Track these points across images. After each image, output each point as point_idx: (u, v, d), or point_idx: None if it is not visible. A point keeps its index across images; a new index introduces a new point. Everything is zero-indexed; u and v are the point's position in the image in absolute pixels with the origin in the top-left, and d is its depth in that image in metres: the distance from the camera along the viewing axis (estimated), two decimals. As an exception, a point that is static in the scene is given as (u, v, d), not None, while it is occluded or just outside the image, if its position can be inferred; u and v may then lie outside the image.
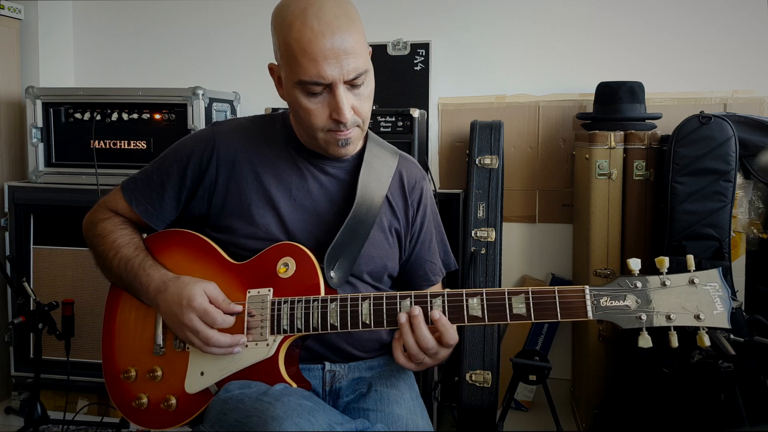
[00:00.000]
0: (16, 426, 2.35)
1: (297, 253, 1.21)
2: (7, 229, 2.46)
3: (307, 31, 1.09)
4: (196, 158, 1.27)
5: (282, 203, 1.25)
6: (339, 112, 1.14)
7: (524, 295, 1.09)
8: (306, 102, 1.15)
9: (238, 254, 1.26)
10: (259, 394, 1.10)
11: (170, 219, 1.33)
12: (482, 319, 1.10)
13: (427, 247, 1.40)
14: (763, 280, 2.14)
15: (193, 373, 1.21)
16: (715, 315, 1.02)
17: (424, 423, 1.21)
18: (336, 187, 1.29)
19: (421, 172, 1.42)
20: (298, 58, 1.11)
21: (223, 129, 1.31)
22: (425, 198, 1.39)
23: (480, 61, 2.68)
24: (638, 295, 1.04)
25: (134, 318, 1.30)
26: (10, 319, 2.27)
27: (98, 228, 1.32)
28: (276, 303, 1.19)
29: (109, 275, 1.32)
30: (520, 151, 2.66)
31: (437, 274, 1.43)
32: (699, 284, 1.03)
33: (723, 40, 2.49)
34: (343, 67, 1.11)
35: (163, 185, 1.29)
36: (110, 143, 2.42)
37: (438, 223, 1.45)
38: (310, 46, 1.09)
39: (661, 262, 1.04)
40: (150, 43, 2.94)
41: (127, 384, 1.27)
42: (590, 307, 1.06)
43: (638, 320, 1.04)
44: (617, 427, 2.07)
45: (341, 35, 1.10)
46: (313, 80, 1.12)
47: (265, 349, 1.17)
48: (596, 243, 2.25)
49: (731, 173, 2.01)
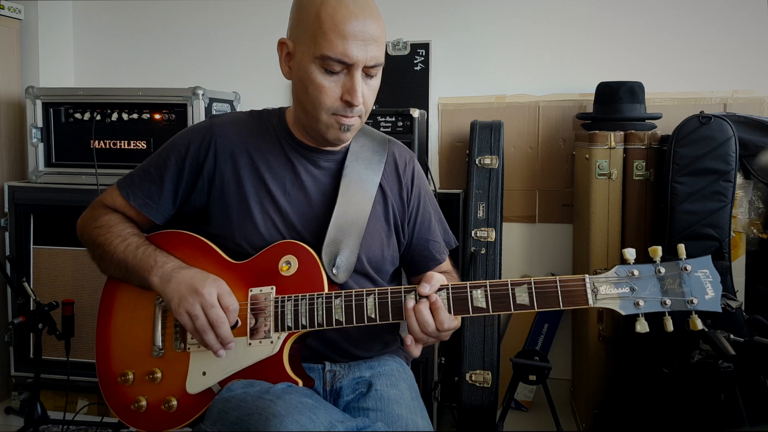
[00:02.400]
0: (16, 426, 2.35)
1: (299, 251, 1.21)
2: (7, 229, 2.46)
3: (342, 9, 1.14)
4: (194, 149, 1.28)
5: (279, 197, 1.26)
6: (353, 93, 1.16)
7: (527, 285, 1.12)
8: (321, 78, 1.17)
9: (237, 251, 1.25)
10: (261, 392, 1.10)
11: (170, 212, 1.31)
12: (486, 309, 1.13)
13: (427, 227, 1.40)
14: (763, 280, 2.14)
15: (194, 374, 1.21)
16: (707, 300, 1.07)
17: (424, 423, 1.21)
18: (328, 180, 1.30)
19: (409, 153, 1.42)
20: (327, 33, 1.13)
21: (221, 120, 1.31)
22: (418, 178, 1.39)
23: (480, 61, 2.68)
24: (635, 283, 1.09)
25: (130, 320, 1.28)
26: (10, 319, 2.27)
27: (101, 220, 1.31)
28: (279, 300, 1.19)
29: (109, 264, 1.28)
30: (520, 151, 2.66)
31: (442, 252, 1.43)
32: (691, 271, 1.08)
33: (723, 40, 2.49)
34: (368, 52, 1.15)
35: (161, 177, 1.29)
36: (110, 143, 2.42)
37: (434, 202, 1.45)
38: (343, 24, 1.13)
39: (655, 252, 1.10)
40: (150, 43, 2.94)
41: (125, 387, 1.25)
42: (590, 295, 1.10)
43: (636, 306, 1.08)
44: (617, 427, 2.07)
45: (372, 22, 1.16)
46: (338, 57, 1.14)
47: (270, 346, 1.17)
48: (596, 243, 2.25)
49: (731, 173, 2.01)
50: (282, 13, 1.16)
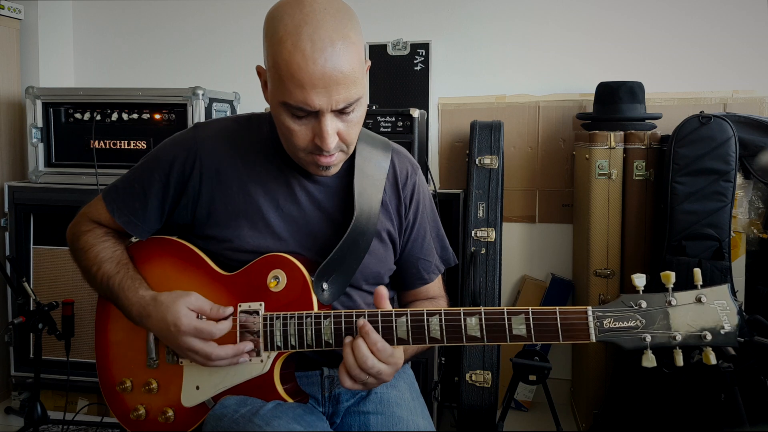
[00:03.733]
0: (16, 426, 2.35)
1: (287, 266, 1.15)
2: (7, 229, 2.46)
3: (297, 54, 1.00)
4: (179, 166, 1.20)
5: (270, 214, 1.19)
6: (322, 140, 1.06)
7: (524, 316, 1.03)
8: (289, 122, 1.08)
9: (226, 264, 1.21)
10: (252, 413, 1.08)
11: (155, 228, 1.27)
12: (481, 339, 1.05)
13: (419, 244, 1.32)
14: (763, 280, 2.14)
15: (188, 387, 1.19)
16: (722, 334, 0.98)
17: (425, 423, 1.20)
18: (325, 196, 1.22)
19: (412, 164, 1.33)
20: (284, 81, 1.03)
21: (206, 134, 1.23)
22: (418, 193, 1.31)
23: (480, 61, 2.68)
24: (643, 315, 1.00)
25: (125, 328, 1.25)
26: (10, 319, 2.27)
27: (80, 242, 1.28)
28: (268, 318, 1.14)
29: (95, 288, 1.28)
30: (520, 151, 2.66)
31: (432, 272, 1.35)
32: (706, 302, 0.99)
33: (723, 40, 2.49)
34: (332, 96, 1.03)
35: (145, 194, 1.23)
36: (110, 143, 2.42)
37: (434, 217, 1.37)
38: (299, 73, 1.01)
39: (668, 278, 1.00)
40: (150, 43, 2.94)
41: (124, 395, 1.24)
42: (593, 329, 1.01)
43: (642, 341, 1.00)
44: (617, 427, 2.07)
45: (334, 63, 1.01)
46: (299, 106, 1.04)
47: (260, 365, 1.14)
48: (596, 243, 2.25)
49: (731, 173, 2.01)
50: (282, 13, 1.14)
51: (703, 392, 1.70)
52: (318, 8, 1.03)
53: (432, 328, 1.07)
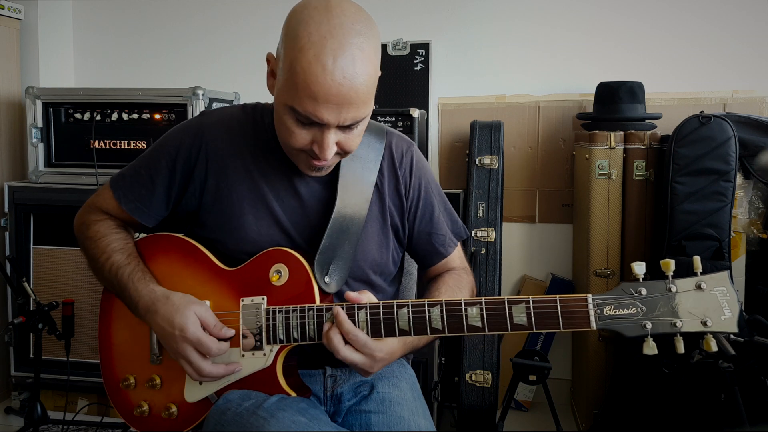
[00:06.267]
0: (16, 426, 2.35)
1: (289, 260, 1.16)
2: (7, 229, 2.46)
3: (317, 67, 0.99)
4: (185, 152, 1.22)
5: (273, 203, 1.21)
6: (321, 150, 1.07)
7: (524, 304, 1.04)
8: (291, 124, 1.07)
9: (230, 257, 1.22)
10: (255, 406, 1.09)
11: (161, 215, 1.28)
12: (482, 329, 1.06)
13: (428, 219, 1.31)
14: (763, 280, 2.14)
15: (191, 383, 1.19)
16: (722, 320, 0.98)
17: (426, 423, 1.21)
18: (321, 185, 1.23)
19: (407, 142, 1.33)
20: (298, 89, 1.02)
21: (212, 120, 1.25)
22: (417, 168, 1.31)
23: (480, 61, 2.68)
24: (643, 302, 1.00)
25: (129, 325, 1.26)
26: (10, 319, 2.27)
27: (91, 230, 1.29)
28: (270, 312, 1.15)
29: (100, 279, 1.28)
30: (520, 151, 2.66)
31: (448, 246, 1.34)
32: (706, 289, 0.99)
33: (723, 40, 2.49)
34: (342, 114, 1.03)
35: (152, 181, 1.24)
36: (110, 143, 2.42)
37: (439, 191, 1.35)
38: (315, 86, 1.00)
39: (667, 265, 1.00)
40: (150, 43, 2.94)
41: (127, 392, 1.25)
42: (593, 317, 1.01)
43: (643, 328, 0.99)
44: (617, 427, 2.07)
45: (352, 83, 1.01)
46: (306, 114, 1.04)
47: (263, 359, 1.15)
48: (596, 243, 2.25)
49: (731, 173, 2.01)
50: (282, 13, 1.14)
51: (703, 392, 1.70)
52: (346, 22, 1.02)
53: (433, 319, 1.08)
